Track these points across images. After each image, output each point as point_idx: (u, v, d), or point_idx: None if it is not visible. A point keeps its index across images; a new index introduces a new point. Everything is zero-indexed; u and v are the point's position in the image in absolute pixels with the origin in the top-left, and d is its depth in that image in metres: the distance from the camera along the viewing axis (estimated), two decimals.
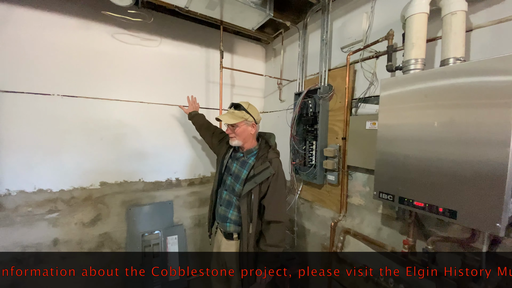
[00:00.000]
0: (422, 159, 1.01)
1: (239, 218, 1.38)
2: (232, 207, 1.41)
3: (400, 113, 1.09)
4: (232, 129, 1.37)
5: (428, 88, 1.00)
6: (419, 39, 1.09)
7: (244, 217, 1.33)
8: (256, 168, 1.33)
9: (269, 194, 1.33)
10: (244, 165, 1.41)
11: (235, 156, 1.48)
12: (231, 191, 1.42)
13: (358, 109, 1.61)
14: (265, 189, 1.33)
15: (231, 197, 1.42)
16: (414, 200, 1.05)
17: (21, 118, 1.64)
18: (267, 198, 1.33)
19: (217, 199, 1.50)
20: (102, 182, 1.94)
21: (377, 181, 1.20)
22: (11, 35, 1.60)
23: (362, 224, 1.58)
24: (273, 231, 1.34)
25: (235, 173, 1.42)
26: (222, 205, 1.44)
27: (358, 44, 1.65)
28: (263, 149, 1.41)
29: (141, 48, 2.05)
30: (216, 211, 1.50)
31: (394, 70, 1.31)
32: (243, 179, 1.36)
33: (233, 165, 1.45)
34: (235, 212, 1.40)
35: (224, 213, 1.42)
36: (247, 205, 1.32)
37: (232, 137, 1.38)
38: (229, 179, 1.44)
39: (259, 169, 1.31)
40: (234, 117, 1.34)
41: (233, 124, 1.35)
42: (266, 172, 1.30)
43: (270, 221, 1.34)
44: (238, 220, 1.39)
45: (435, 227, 1.23)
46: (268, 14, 1.71)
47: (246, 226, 1.33)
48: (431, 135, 0.99)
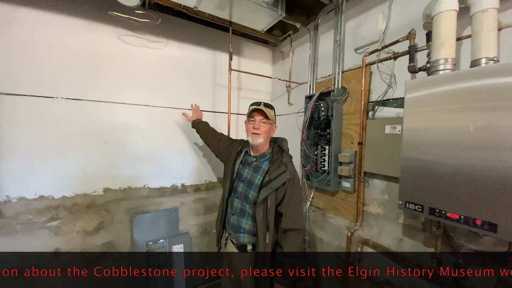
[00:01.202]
0: (456, 166, 0.93)
1: (254, 227, 1.28)
2: (246, 216, 1.32)
3: (428, 116, 1.01)
4: (262, 125, 1.30)
5: (462, 89, 0.93)
6: (448, 37, 1.02)
7: (260, 226, 1.23)
8: (272, 173, 1.25)
9: (286, 200, 1.25)
10: (257, 170, 1.33)
11: (246, 161, 1.40)
12: (244, 199, 1.33)
13: (375, 112, 1.53)
14: (282, 195, 1.25)
15: (244, 205, 1.33)
16: (447, 212, 0.96)
17: (22, 121, 1.58)
18: (284, 204, 1.26)
19: (228, 208, 1.40)
20: (106, 188, 1.87)
21: (402, 190, 1.11)
22: (14, 36, 1.55)
23: (380, 234, 1.49)
24: (291, 239, 1.24)
25: (247, 179, 1.34)
26: (234, 214, 1.35)
27: (374, 45, 1.58)
28: (277, 154, 1.35)
29: (147, 50, 1.99)
30: (227, 221, 1.40)
31: (417, 71, 1.23)
32: (257, 184, 1.28)
33: (244, 170, 1.37)
34: (249, 221, 1.31)
35: (237, 222, 1.33)
36: (263, 212, 1.23)
37: (258, 134, 1.29)
38: (240, 186, 1.35)
39: (275, 173, 1.24)
40: (269, 113, 1.29)
41: (265, 120, 1.30)
42: (282, 177, 1.23)
43: (287, 229, 1.25)
44: (252, 230, 1.30)
45: (465, 239, 1.14)
46: (279, 14, 1.65)
47: (263, 236, 1.23)
48: (466, 140, 0.91)
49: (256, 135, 1.29)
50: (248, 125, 1.34)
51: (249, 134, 1.31)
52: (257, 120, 1.30)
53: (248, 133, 1.33)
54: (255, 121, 1.30)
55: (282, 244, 1.25)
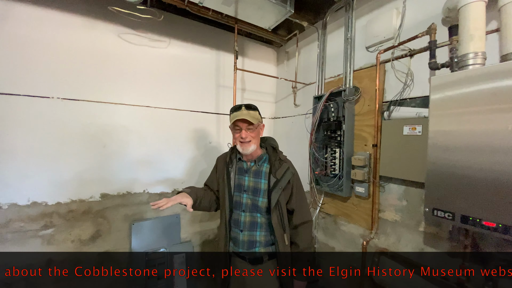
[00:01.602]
0: (494, 171, 0.84)
1: (269, 235, 1.21)
2: (258, 227, 1.20)
3: (459, 117, 0.93)
4: (249, 132, 1.18)
5: (498, 86, 0.84)
6: (478, 29, 0.94)
7: (277, 230, 1.17)
8: (277, 172, 1.20)
9: (294, 196, 1.23)
10: (258, 174, 1.23)
11: (242, 168, 1.26)
12: (252, 209, 1.21)
13: (391, 112, 1.44)
14: (289, 192, 1.23)
15: (254, 216, 1.21)
16: (483, 220, 0.87)
17: (15, 122, 1.48)
18: (293, 201, 1.23)
19: (233, 228, 1.24)
20: (103, 194, 1.76)
21: (429, 197, 1.01)
22: (9, 33, 1.47)
23: (398, 243, 1.38)
24: (304, 234, 1.24)
25: (250, 187, 1.22)
26: (244, 230, 1.20)
27: (388, 43, 1.50)
28: (272, 153, 1.28)
29: (148, 49, 1.91)
30: (235, 242, 1.23)
31: (439, 68, 1.15)
32: (264, 190, 1.20)
33: (244, 179, 1.23)
34: (263, 232, 1.20)
35: (250, 238, 1.20)
36: (278, 216, 1.18)
37: (248, 142, 1.17)
38: (244, 197, 1.22)
39: (281, 172, 1.19)
40: (253, 118, 1.16)
41: (250, 127, 1.17)
42: (287, 174, 1.20)
43: (299, 224, 1.24)
44: (268, 239, 1.21)
45: (496, 249, 1.04)
46: (288, 10, 1.58)
47: (281, 239, 1.18)
48: (504, 143, 0.82)
49: (246, 143, 1.18)
50: (235, 134, 1.21)
51: (237, 143, 1.20)
52: (243, 129, 1.17)
53: (236, 142, 1.21)
54: (240, 129, 1.17)
55: (296, 241, 1.23)
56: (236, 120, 1.15)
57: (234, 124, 1.18)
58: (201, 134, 2.18)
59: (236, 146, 1.22)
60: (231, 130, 1.26)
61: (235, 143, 1.23)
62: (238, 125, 1.17)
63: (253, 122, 1.15)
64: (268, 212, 1.19)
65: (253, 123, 1.15)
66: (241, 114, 1.15)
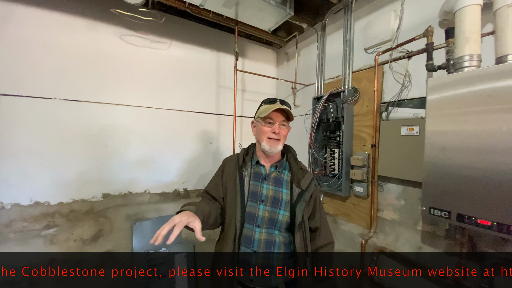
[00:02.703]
0: (488, 170, 0.86)
1: (288, 258, 1.00)
2: (276, 247, 0.97)
3: (455, 118, 0.95)
4: (283, 128, 1.02)
5: (492, 88, 0.87)
6: (473, 33, 0.96)
7: (300, 252, 0.97)
8: (301, 183, 1.02)
9: (317, 212, 1.06)
10: (279, 182, 1.04)
11: (260, 174, 1.05)
12: (270, 225, 0.98)
13: (389, 113, 1.46)
14: (311, 207, 1.05)
15: (271, 233, 0.98)
16: (478, 218, 0.89)
17: (18, 123, 1.50)
18: (317, 217, 1.06)
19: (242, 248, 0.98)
20: (105, 194, 1.78)
21: (426, 195, 1.04)
22: (12, 34, 1.49)
23: (397, 242, 1.41)
24: (328, 256, 1.07)
25: (269, 196, 1.00)
26: (257, 251, 0.96)
27: (386, 44, 1.53)
28: (293, 160, 1.10)
29: (150, 51, 1.93)
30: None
31: (436, 70, 1.18)
32: (287, 201, 1.00)
33: (262, 187, 1.02)
34: (281, 255, 0.97)
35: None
36: (302, 234, 0.99)
37: (278, 140, 1.01)
38: (261, 209, 0.99)
39: (305, 183, 1.01)
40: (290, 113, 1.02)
41: (285, 123, 1.03)
42: (312, 186, 1.03)
43: (323, 245, 1.06)
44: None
45: (492, 247, 1.06)
46: (288, 13, 1.61)
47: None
48: (499, 143, 0.84)
49: (276, 141, 1.00)
50: (264, 127, 1.01)
51: (264, 139, 1.01)
52: (276, 123, 1.00)
53: (262, 138, 1.02)
54: (274, 123, 1.00)
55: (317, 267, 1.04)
56: (273, 111, 0.98)
57: (267, 117, 1.00)
58: (202, 134, 2.20)
59: (262, 144, 1.02)
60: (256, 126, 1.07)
61: (260, 139, 1.03)
62: (272, 118, 1.00)
63: (290, 118, 1.02)
64: (287, 230, 1.01)
65: (290, 119, 1.03)
66: (278, 105, 0.99)
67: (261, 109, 1.05)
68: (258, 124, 1.06)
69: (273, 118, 1.00)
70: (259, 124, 1.05)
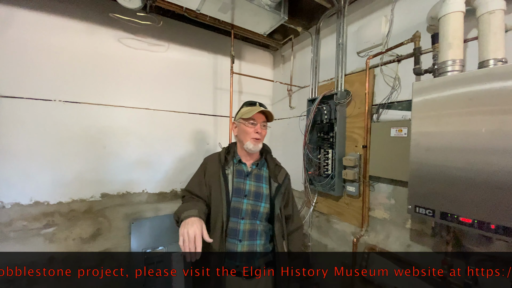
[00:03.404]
0: (469, 170, 0.90)
1: (268, 243, 1.16)
2: (258, 236, 1.12)
3: (438, 119, 0.99)
4: (263, 129, 1.14)
5: (473, 91, 0.91)
6: (456, 38, 1.01)
7: (278, 238, 1.14)
8: (278, 177, 1.18)
9: (290, 201, 1.26)
10: (260, 178, 1.18)
11: (242, 171, 1.17)
12: (252, 216, 1.11)
13: (380, 115, 1.51)
14: (285, 197, 1.23)
15: (253, 223, 1.11)
16: (460, 216, 0.93)
17: (19, 124, 1.53)
18: (290, 205, 1.26)
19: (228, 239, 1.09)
20: (103, 194, 1.81)
21: (412, 194, 1.08)
22: (12, 37, 1.52)
23: (387, 240, 1.45)
24: (299, 239, 1.28)
25: (252, 191, 1.13)
26: (243, 240, 1.09)
27: (377, 48, 1.57)
28: (268, 156, 1.25)
29: (148, 53, 1.97)
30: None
31: (423, 73, 1.22)
32: (266, 194, 1.15)
33: (245, 183, 1.14)
34: (262, 241, 1.13)
35: (250, 248, 1.10)
36: (280, 222, 1.17)
37: (259, 139, 1.13)
38: (244, 203, 1.11)
39: (281, 178, 1.19)
40: (270, 115, 1.14)
41: (265, 124, 1.15)
42: (286, 179, 1.22)
43: (294, 230, 1.26)
44: (267, 247, 1.15)
45: (476, 244, 1.10)
46: (282, 17, 1.65)
47: (281, 247, 1.15)
48: (479, 144, 0.89)
49: (258, 140, 1.12)
50: (247, 128, 1.11)
51: (248, 139, 1.11)
52: (258, 123, 1.12)
53: (246, 138, 1.12)
54: (256, 124, 1.11)
55: (291, 248, 1.25)
56: (256, 113, 1.09)
57: (250, 118, 1.10)
58: (199, 135, 2.24)
59: (246, 143, 1.12)
60: (238, 126, 1.17)
61: (243, 139, 1.14)
62: (255, 119, 1.11)
63: (270, 119, 1.15)
64: (266, 219, 1.15)
65: (270, 120, 1.15)
66: (260, 108, 1.11)
67: (242, 110, 1.16)
68: (240, 125, 1.16)
69: (256, 119, 1.12)
70: (241, 124, 1.15)
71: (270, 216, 1.14)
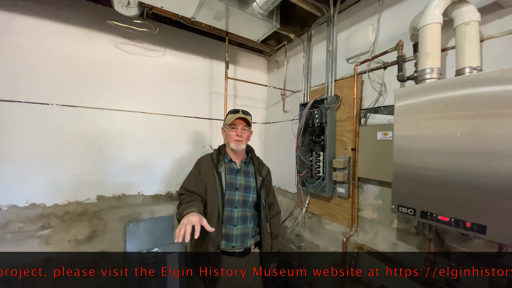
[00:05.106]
0: (445, 171, 0.97)
1: (257, 226, 1.41)
2: (248, 220, 1.37)
3: (418, 123, 1.06)
4: (244, 132, 1.37)
5: (448, 97, 0.98)
6: (434, 48, 1.08)
7: (263, 220, 1.39)
8: (262, 172, 1.44)
9: (271, 191, 1.52)
10: (248, 174, 1.42)
11: (233, 169, 1.39)
12: (243, 205, 1.35)
13: (367, 119, 1.57)
14: (267, 188, 1.47)
15: (244, 210, 1.36)
16: (439, 215, 0.99)
17: (16, 127, 1.57)
18: (271, 195, 1.51)
19: (224, 225, 1.30)
20: (99, 196, 1.84)
21: (395, 194, 1.14)
22: (11, 43, 1.56)
23: (375, 239, 1.50)
24: (277, 222, 1.57)
25: (242, 185, 1.37)
26: (236, 225, 1.32)
27: (365, 55, 1.65)
28: (253, 156, 1.50)
29: (144, 59, 2.02)
30: (228, 238, 1.31)
31: (405, 80, 1.29)
32: (254, 187, 1.39)
33: (236, 178, 1.37)
34: (251, 224, 1.38)
35: (243, 231, 1.34)
36: (264, 209, 1.41)
37: (241, 141, 1.36)
38: (236, 195, 1.34)
39: (264, 173, 1.44)
40: (249, 121, 1.39)
41: (246, 128, 1.38)
42: (268, 174, 1.48)
43: (274, 215, 1.54)
44: (256, 229, 1.41)
45: (457, 242, 1.16)
46: (274, 25, 1.71)
47: (265, 227, 1.40)
48: (454, 147, 0.95)
49: (239, 141, 1.35)
50: (230, 132, 1.36)
51: (232, 141, 1.36)
52: (239, 128, 1.35)
53: (230, 140, 1.37)
54: (237, 128, 1.35)
55: (271, 229, 1.49)
56: (236, 119, 1.33)
57: (232, 123, 1.34)
58: (195, 138, 2.28)
59: (230, 144, 1.36)
60: (225, 131, 1.42)
61: (228, 141, 1.38)
62: (236, 124, 1.35)
63: (249, 124, 1.38)
64: (254, 207, 1.39)
65: (249, 125, 1.39)
66: (240, 115, 1.35)
67: (227, 118, 1.40)
68: (226, 130, 1.41)
69: (236, 125, 1.35)
70: (226, 130, 1.39)
71: (257, 204, 1.39)
